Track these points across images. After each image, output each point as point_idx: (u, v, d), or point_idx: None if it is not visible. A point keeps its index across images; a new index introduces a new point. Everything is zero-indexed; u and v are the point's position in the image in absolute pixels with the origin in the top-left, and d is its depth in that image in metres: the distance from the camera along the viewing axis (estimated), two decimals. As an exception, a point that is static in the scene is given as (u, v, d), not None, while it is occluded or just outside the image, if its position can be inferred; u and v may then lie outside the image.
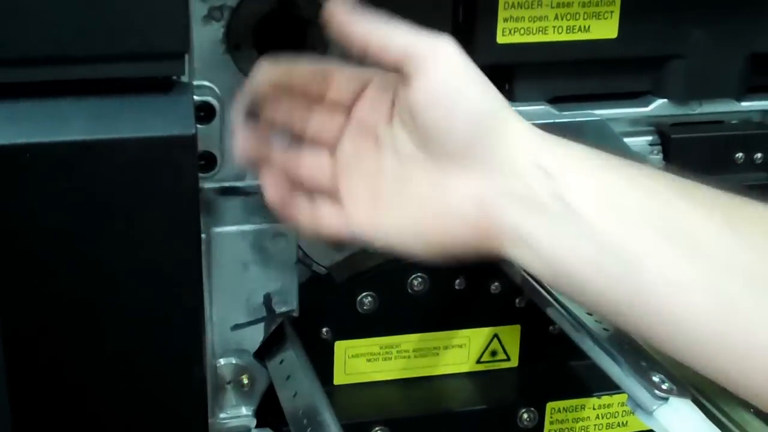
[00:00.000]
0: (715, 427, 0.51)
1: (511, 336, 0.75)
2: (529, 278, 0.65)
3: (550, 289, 0.64)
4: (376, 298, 0.70)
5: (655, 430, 0.52)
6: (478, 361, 0.75)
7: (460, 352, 0.74)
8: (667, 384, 0.52)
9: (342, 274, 0.70)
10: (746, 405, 0.53)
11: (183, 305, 0.56)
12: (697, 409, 0.52)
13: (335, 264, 0.71)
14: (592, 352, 0.59)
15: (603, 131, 0.70)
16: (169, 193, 0.51)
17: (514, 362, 0.75)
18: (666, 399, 0.52)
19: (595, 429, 0.75)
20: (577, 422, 0.75)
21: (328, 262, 0.71)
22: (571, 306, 0.62)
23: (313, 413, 0.58)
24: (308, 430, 0.57)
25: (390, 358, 0.73)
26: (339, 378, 0.72)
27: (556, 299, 0.63)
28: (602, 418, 0.75)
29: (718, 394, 0.54)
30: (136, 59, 0.50)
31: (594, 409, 0.75)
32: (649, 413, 0.52)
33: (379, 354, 0.72)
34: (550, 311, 0.63)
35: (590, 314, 0.60)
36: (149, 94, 0.51)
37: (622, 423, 0.76)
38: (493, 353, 0.75)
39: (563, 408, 0.74)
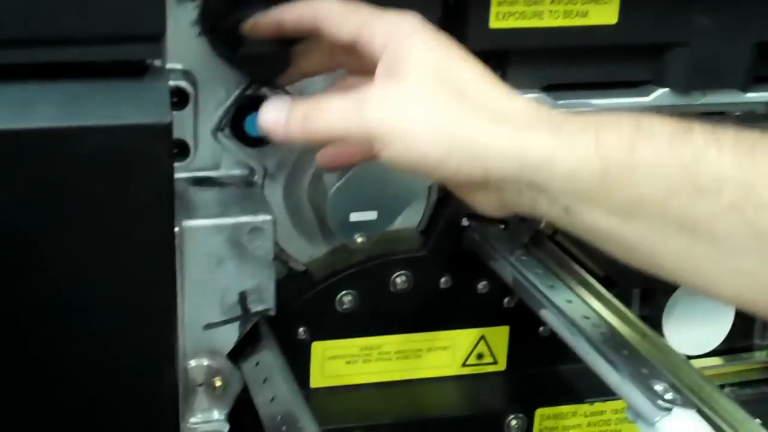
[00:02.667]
0: None
1: (498, 338, 0.76)
2: (522, 278, 0.66)
3: (542, 289, 0.66)
4: (356, 297, 0.71)
5: None
6: (464, 364, 0.76)
7: (445, 354, 0.75)
8: (670, 393, 0.53)
9: (321, 271, 0.71)
10: (753, 416, 0.54)
11: (155, 303, 0.56)
12: (703, 420, 0.53)
13: (313, 261, 0.72)
14: (589, 356, 0.60)
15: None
16: (142, 185, 0.52)
17: (501, 365, 0.76)
18: (669, 410, 0.53)
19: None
20: (568, 429, 0.76)
21: (306, 258, 0.72)
22: (567, 309, 0.63)
23: (292, 419, 0.58)
24: None
25: (370, 360, 0.73)
26: (316, 381, 0.73)
27: (550, 301, 0.64)
28: (594, 426, 0.77)
29: (723, 405, 0.55)
30: (109, 42, 0.50)
31: (585, 416, 0.76)
32: (651, 424, 0.53)
33: (359, 356, 0.73)
34: (543, 313, 0.64)
35: (587, 317, 0.61)
36: (122, 79, 0.51)
37: (615, 431, 0.77)
38: (480, 356, 0.76)
39: (553, 415, 0.75)
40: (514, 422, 0.74)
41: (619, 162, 0.50)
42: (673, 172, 0.49)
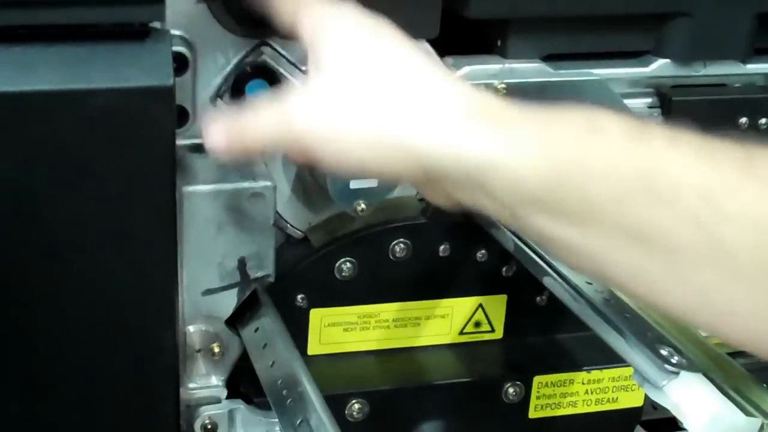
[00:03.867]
0: (730, 402, 0.52)
1: (496, 306, 0.76)
2: (523, 245, 0.67)
3: (546, 257, 0.66)
4: (355, 265, 0.71)
5: (665, 406, 0.53)
6: (462, 332, 0.76)
7: (443, 322, 0.76)
8: (676, 357, 0.54)
9: (319, 238, 0.72)
10: (759, 379, 0.55)
11: (155, 267, 0.57)
12: (710, 383, 0.53)
13: (312, 227, 0.72)
14: (593, 322, 0.61)
15: (601, 92, 0.72)
16: (144, 148, 0.52)
17: (498, 334, 0.77)
18: (677, 373, 0.53)
19: (583, 404, 0.78)
20: (565, 397, 0.77)
21: (305, 226, 0.72)
22: (570, 275, 0.64)
23: (292, 383, 0.59)
24: (288, 401, 0.58)
25: (368, 328, 0.74)
26: (314, 348, 0.73)
27: (553, 267, 0.65)
28: (591, 393, 0.78)
29: (729, 369, 0.56)
30: (111, 3, 0.50)
31: (583, 383, 0.77)
32: (659, 388, 0.53)
33: (357, 323, 0.74)
34: (546, 280, 0.65)
35: (590, 283, 0.61)
36: (124, 42, 0.52)
37: (613, 399, 0.78)
38: (477, 324, 0.77)
39: (551, 382, 0.76)
40: (511, 390, 0.75)
41: (567, 164, 0.46)
42: (628, 176, 0.45)
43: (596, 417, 0.78)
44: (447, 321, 0.76)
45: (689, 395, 0.52)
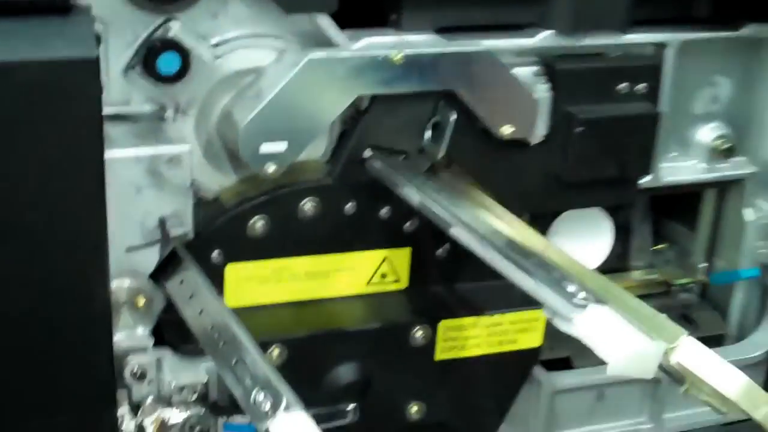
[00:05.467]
0: (636, 329, 0.58)
1: (400, 259, 0.83)
2: (428, 201, 0.73)
3: (450, 209, 0.72)
4: (267, 222, 0.78)
5: (577, 336, 0.60)
6: (369, 283, 0.83)
7: (352, 274, 0.83)
8: (583, 293, 0.60)
9: (232, 199, 0.78)
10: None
11: (87, 227, 0.62)
12: (617, 314, 0.59)
13: (225, 189, 0.78)
14: (501, 266, 0.67)
15: (490, 62, 0.79)
16: (73, 117, 0.57)
17: (404, 284, 0.84)
18: (584, 306, 0.59)
19: (486, 346, 0.85)
20: (469, 340, 0.85)
21: (217, 188, 0.78)
22: (476, 225, 0.71)
23: (223, 328, 0.65)
24: (221, 344, 0.64)
25: (282, 281, 0.81)
26: (231, 301, 0.80)
27: (459, 219, 0.71)
28: (493, 335, 0.85)
29: (630, 303, 0.62)
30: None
31: (486, 327, 0.85)
32: (569, 321, 0.60)
33: (271, 277, 0.80)
34: (453, 231, 0.71)
35: (495, 232, 0.68)
36: (48, 17, 0.56)
37: (513, 340, 0.86)
38: (384, 275, 0.84)
39: (455, 326, 0.84)
40: (419, 333, 0.82)
41: None
42: None
43: (498, 357, 0.86)
44: (356, 273, 0.83)
45: (598, 325, 0.58)
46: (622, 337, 0.57)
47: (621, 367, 0.57)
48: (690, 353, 0.58)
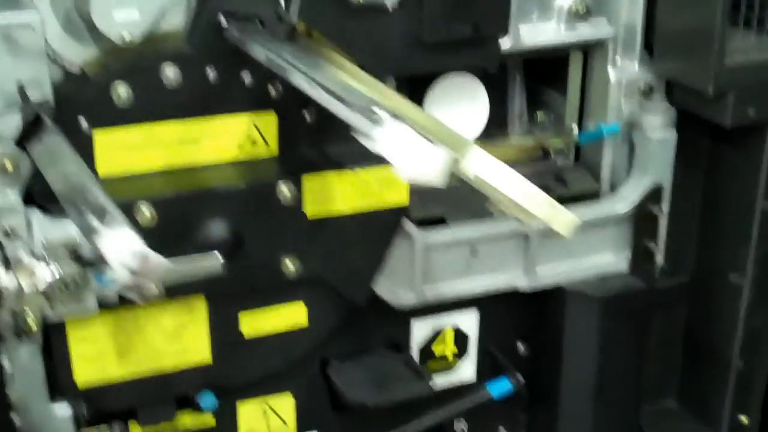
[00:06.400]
0: (429, 141, 0.64)
1: (268, 124, 0.87)
2: (280, 59, 0.77)
3: (288, 57, 0.76)
4: (130, 88, 0.81)
5: (378, 152, 0.65)
6: (240, 149, 0.87)
7: (221, 140, 0.86)
8: (385, 114, 0.65)
9: (95, 68, 0.81)
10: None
11: None
12: (411, 129, 0.64)
13: (89, 62, 0.82)
14: (324, 100, 0.72)
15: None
16: None
17: (273, 147, 0.88)
18: (383, 123, 0.65)
19: (354, 202, 0.90)
20: (336, 195, 0.89)
21: (80, 60, 0.81)
22: (305, 68, 0.75)
23: (83, 190, 0.68)
24: (82, 207, 0.67)
25: (152, 148, 0.84)
26: (103, 170, 0.83)
27: (293, 64, 0.75)
28: (360, 192, 0.89)
29: (423, 118, 0.66)
30: None
31: (351, 183, 0.89)
32: (371, 137, 0.65)
33: (141, 144, 0.84)
34: (292, 76, 0.75)
35: (342, 85, 0.73)
36: None
37: (379, 197, 0.90)
38: (254, 142, 0.87)
39: (320, 182, 0.88)
40: (284, 188, 0.86)
41: None
42: None
43: (367, 214, 0.90)
44: (225, 139, 0.86)
45: (394, 139, 0.64)
46: (414, 148, 0.62)
47: (413, 175, 0.62)
48: (477, 162, 0.63)
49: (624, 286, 1.01)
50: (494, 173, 0.65)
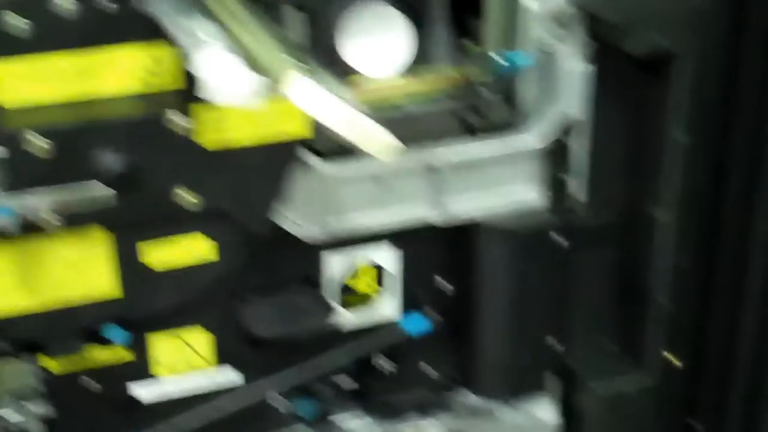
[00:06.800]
0: (244, 66, 0.65)
1: (167, 55, 0.87)
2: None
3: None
4: (24, 18, 0.81)
5: (197, 75, 0.67)
6: (141, 82, 0.87)
7: (120, 72, 0.86)
8: (202, 35, 0.66)
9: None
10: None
11: None
12: (230, 54, 0.66)
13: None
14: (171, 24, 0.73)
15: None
16: None
17: (177, 81, 0.87)
18: (202, 46, 0.66)
19: (250, 131, 0.89)
20: (230, 125, 0.88)
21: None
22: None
23: None
24: None
25: (49, 80, 0.84)
26: None
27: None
28: (255, 119, 0.89)
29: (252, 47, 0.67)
30: None
31: (247, 114, 0.88)
32: (190, 59, 0.67)
33: (38, 76, 0.83)
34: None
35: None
36: None
37: (277, 127, 0.90)
38: (154, 74, 0.87)
39: (215, 112, 0.87)
40: (175, 118, 0.85)
41: None
42: None
43: (265, 145, 0.90)
44: (123, 71, 0.86)
45: (211, 62, 0.64)
46: (227, 71, 0.62)
47: (225, 98, 0.62)
48: (295, 87, 0.63)
49: (541, 222, 1.00)
50: (312, 98, 0.66)
